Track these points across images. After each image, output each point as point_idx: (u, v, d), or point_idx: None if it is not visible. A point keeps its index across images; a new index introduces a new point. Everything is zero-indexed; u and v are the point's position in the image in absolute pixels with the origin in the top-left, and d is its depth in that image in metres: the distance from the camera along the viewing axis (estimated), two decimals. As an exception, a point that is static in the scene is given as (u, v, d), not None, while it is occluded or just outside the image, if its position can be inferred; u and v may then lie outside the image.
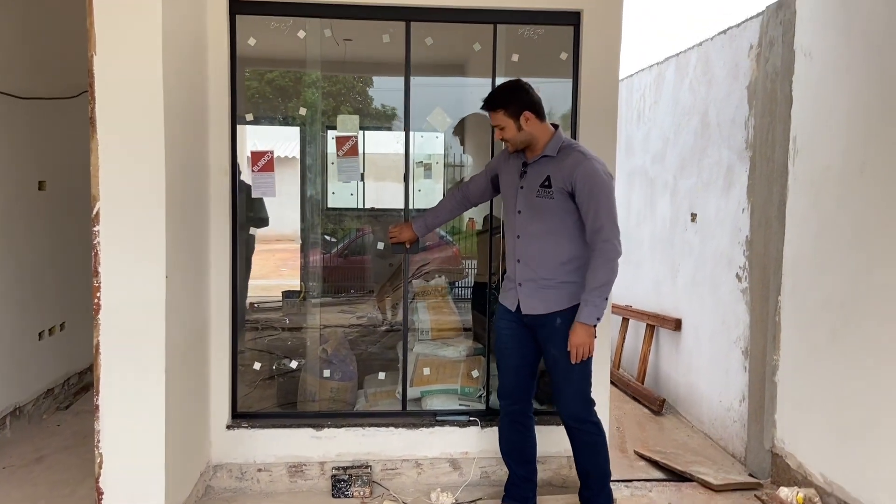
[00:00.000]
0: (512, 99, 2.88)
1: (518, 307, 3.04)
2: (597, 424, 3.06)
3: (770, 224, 3.76)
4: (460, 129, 4.99)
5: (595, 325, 2.86)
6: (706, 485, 3.63)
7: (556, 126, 3.00)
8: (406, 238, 3.48)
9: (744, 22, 4.07)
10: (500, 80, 3.79)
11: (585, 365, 2.95)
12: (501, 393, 3.22)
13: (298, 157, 7.17)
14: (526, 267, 2.99)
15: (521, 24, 3.79)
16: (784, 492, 3.39)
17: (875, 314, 2.99)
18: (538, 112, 2.90)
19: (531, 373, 3.17)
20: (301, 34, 3.70)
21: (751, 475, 3.80)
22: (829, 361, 3.29)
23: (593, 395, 3.10)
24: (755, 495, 3.50)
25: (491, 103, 2.92)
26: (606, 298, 2.85)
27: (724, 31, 4.31)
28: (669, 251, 5.07)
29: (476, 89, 4.45)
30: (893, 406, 2.88)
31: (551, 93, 3.98)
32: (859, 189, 3.11)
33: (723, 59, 4.31)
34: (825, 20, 3.37)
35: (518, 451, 3.23)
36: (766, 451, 3.80)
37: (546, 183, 2.86)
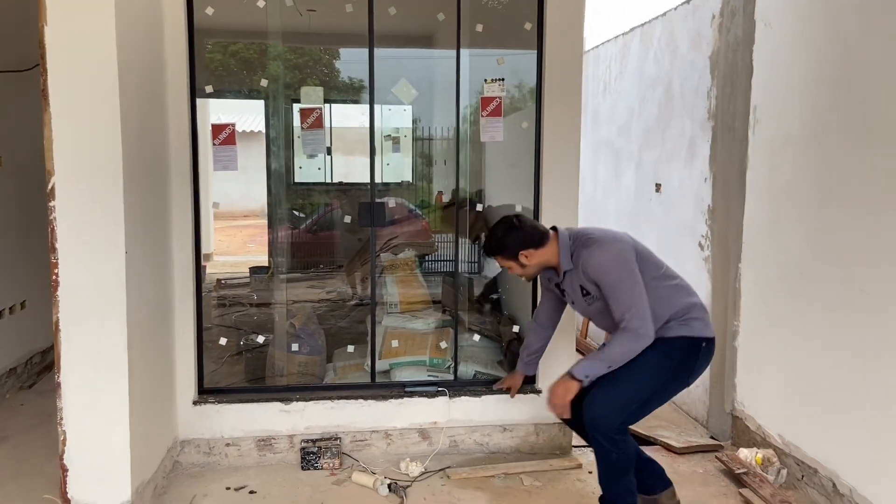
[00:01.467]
0: (505, 244, 2.88)
1: None
2: (612, 442, 2.76)
3: (731, 193, 3.82)
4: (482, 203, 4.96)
5: (580, 381, 2.78)
6: (668, 448, 3.72)
7: (555, 231, 2.92)
8: (519, 383, 3.48)
9: (706, -8, 4.08)
10: (465, 52, 3.77)
11: (641, 378, 2.78)
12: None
13: (263, 131, 7.06)
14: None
15: (485, -8, 3.76)
16: (744, 453, 3.49)
17: (831, 279, 3.07)
18: (535, 243, 2.87)
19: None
20: (260, 3, 3.62)
21: (712, 438, 3.90)
22: (787, 326, 3.38)
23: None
24: (716, 457, 3.60)
25: (489, 251, 2.96)
26: (609, 367, 2.76)
27: (688, 1, 4.32)
28: (634, 222, 5.13)
29: (442, 61, 4.42)
30: (849, 368, 2.97)
31: (517, 64, 3.98)
32: (816, 157, 3.17)
33: (686, 29, 4.33)
34: (785, -11, 3.40)
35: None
36: (727, 415, 3.90)
37: (584, 292, 2.87)
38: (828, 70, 3.10)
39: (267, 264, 6.83)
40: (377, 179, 3.84)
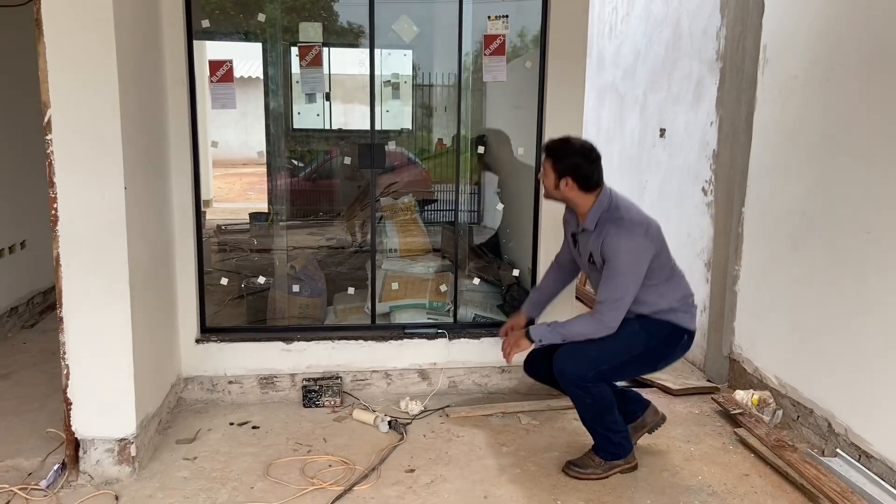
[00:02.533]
0: (565, 159, 2.80)
1: None
2: (584, 389, 2.83)
3: (737, 136, 3.77)
4: (485, 146, 4.87)
5: (533, 342, 2.93)
6: (665, 390, 3.76)
7: (599, 188, 2.83)
8: (523, 324, 3.25)
9: (718, -73, 3.96)
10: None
11: (621, 347, 2.84)
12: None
13: (262, 77, 6.94)
14: None
15: (490, -73, 3.64)
16: (740, 394, 3.53)
17: (834, 222, 3.05)
18: (585, 185, 2.80)
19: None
20: (258, -65, 3.51)
21: (709, 381, 3.94)
22: (788, 270, 3.38)
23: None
24: (712, 398, 3.64)
25: (547, 148, 2.87)
26: (564, 340, 2.86)
27: (699, -62, 4.19)
28: (637, 167, 5.08)
29: (443, 5, 4.30)
30: (847, 311, 2.98)
31: (522, 8, 3.88)
32: (824, 98, 3.11)
33: (696, -33, 4.21)
34: (800, -77, 3.29)
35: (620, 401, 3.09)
36: (724, 358, 3.93)
37: (591, 259, 2.87)
38: (840, 7, 3.02)
39: (266, 211, 6.80)
40: (377, 127, 3.78)
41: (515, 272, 4.10)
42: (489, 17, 3.74)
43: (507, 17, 3.74)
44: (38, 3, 2.57)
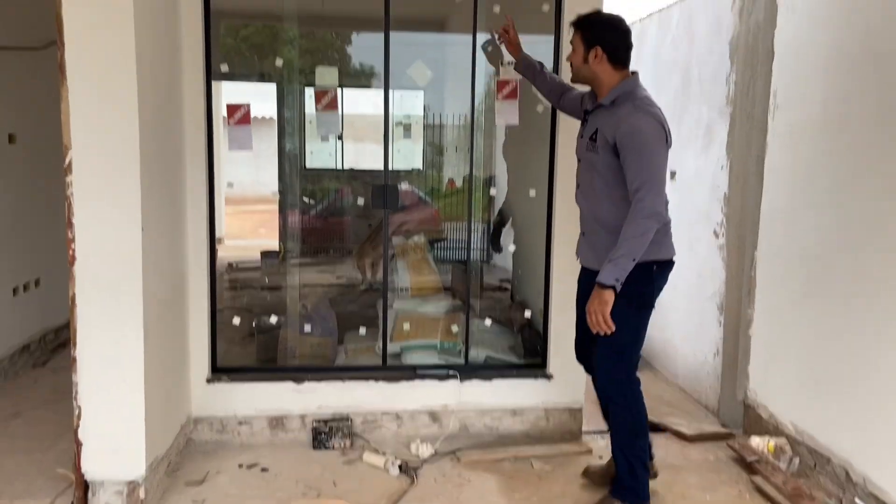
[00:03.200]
0: (595, 27, 2.71)
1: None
2: (621, 395, 2.84)
3: (748, 180, 3.78)
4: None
5: (612, 287, 2.58)
6: (680, 435, 3.71)
7: (627, 69, 2.76)
8: (513, 39, 3.19)
9: (727, -24, 4.03)
10: (481, 36, 3.75)
11: (637, 322, 2.78)
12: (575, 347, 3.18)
13: (276, 118, 7.06)
14: (582, 219, 2.94)
15: (503, -26, 3.73)
16: (755, 441, 3.48)
17: (848, 268, 3.04)
18: (613, 56, 2.70)
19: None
20: (277, -17, 3.61)
21: (723, 426, 3.89)
22: (802, 315, 3.35)
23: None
24: (727, 444, 3.58)
25: (576, 21, 2.76)
26: (634, 259, 2.57)
27: (707, -14, 4.27)
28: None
29: (455, 46, 4.39)
30: (863, 357, 2.94)
31: (533, 49, 3.94)
32: (837, 144, 3.13)
33: (705, 14, 4.28)
34: (808, -27, 3.35)
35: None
36: (739, 403, 3.88)
37: (594, 136, 2.72)
38: (851, 55, 3.06)
39: (278, 249, 6.84)
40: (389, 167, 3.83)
41: (527, 313, 4.09)
42: (501, 63, 3.81)
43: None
44: (63, 48, 2.63)
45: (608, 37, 2.71)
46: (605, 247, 2.72)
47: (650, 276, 2.75)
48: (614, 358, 2.82)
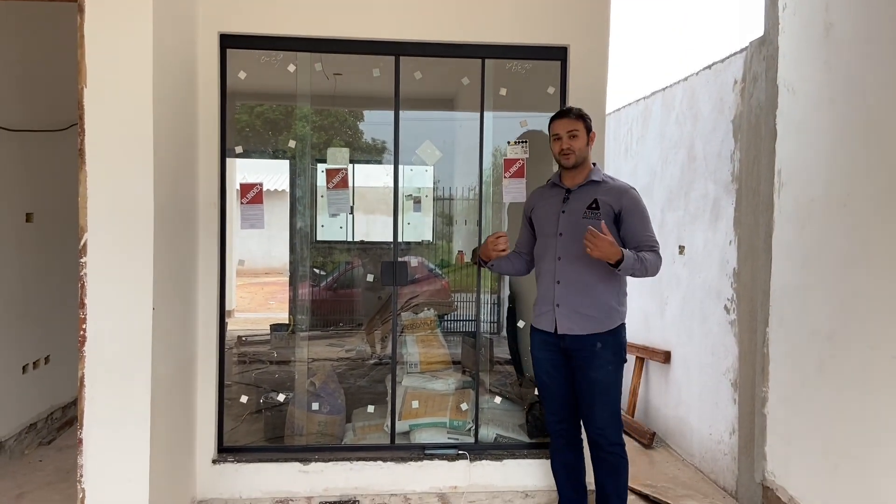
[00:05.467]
0: (589, 119, 3.19)
1: (556, 329, 3.11)
2: (623, 447, 3.14)
3: (757, 256, 3.79)
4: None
5: (618, 261, 2.86)
6: (698, 519, 3.59)
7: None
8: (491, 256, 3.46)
9: (728, 57, 4.15)
10: (488, 115, 3.85)
11: (618, 389, 3.10)
12: (550, 418, 3.27)
13: (288, 190, 7.20)
14: (566, 288, 3.08)
15: (509, 58, 3.86)
16: (776, 526, 3.36)
17: (861, 346, 3.00)
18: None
19: (574, 398, 3.22)
20: (291, 68, 3.74)
21: (743, 509, 3.76)
22: (818, 393, 3.29)
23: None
24: (747, 529, 3.46)
25: (576, 113, 3.17)
26: (637, 271, 2.95)
27: (709, 67, 4.39)
28: (658, 284, 5.09)
29: (464, 122, 4.50)
30: (884, 436, 2.87)
31: (541, 124, 4.04)
32: (843, 221, 3.14)
33: (708, 93, 4.38)
34: (807, 55, 3.44)
35: (571, 470, 3.28)
36: (757, 485, 3.77)
37: (594, 205, 3.05)
38: (852, 135, 3.11)
39: (287, 321, 6.84)
40: (398, 239, 3.88)
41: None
42: (508, 143, 3.90)
43: (526, 142, 3.89)
44: (83, 134, 2.72)
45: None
46: (605, 307, 3.04)
47: (624, 334, 3.13)
48: (614, 412, 3.10)
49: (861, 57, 3.06)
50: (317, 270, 7.88)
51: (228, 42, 3.53)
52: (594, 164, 3.22)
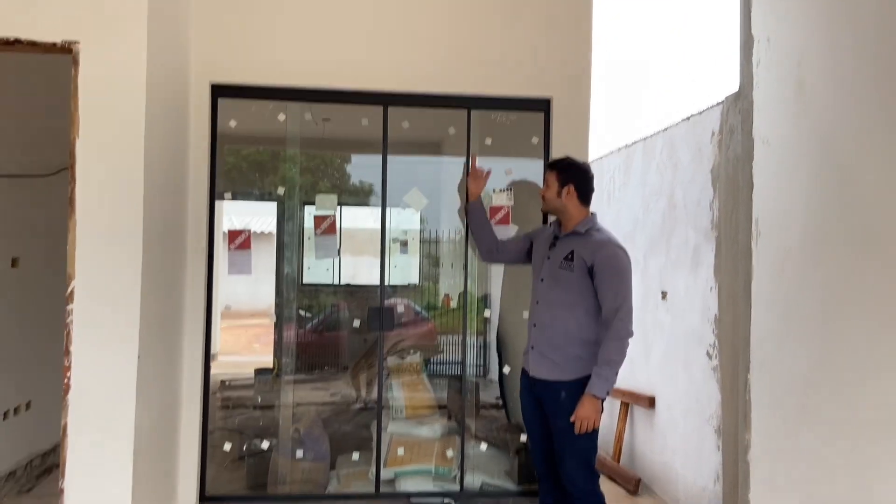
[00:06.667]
0: (568, 169, 3.18)
1: (530, 371, 3.16)
2: (596, 495, 3.10)
3: (737, 303, 3.85)
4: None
5: (602, 399, 2.95)
6: (684, 568, 3.57)
7: (593, 213, 3.25)
8: (477, 188, 3.57)
9: (705, 110, 4.28)
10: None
11: (590, 436, 3.03)
12: (535, 459, 3.26)
13: (274, 232, 7.23)
14: (540, 332, 3.13)
15: (494, 109, 3.96)
16: (762, 575, 3.35)
17: (843, 393, 3.05)
18: (581, 195, 3.17)
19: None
20: (281, 117, 3.82)
21: (728, 557, 3.75)
22: (800, 441, 3.32)
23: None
24: (733, 579, 3.45)
25: (553, 163, 3.25)
26: (616, 374, 2.96)
27: (688, 118, 4.52)
28: (642, 328, 5.13)
29: (450, 165, 4.59)
30: (866, 484, 2.90)
31: (525, 171, 4.13)
32: (819, 272, 3.22)
33: (687, 144, 4.51)
34: (780, 109, 3.56)
35: None
36: (743, 533, 3.76)
37: (569, 256, 3.06)
38: (825, 187, 3.21)
39: (272, 365, 6.79)
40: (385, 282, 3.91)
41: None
42: (494, 190, 3.97)
43: (511, 189, 3.97)
44: (74, 182, 2.76)
45: (580, 179, 3.19)
46: (571, 356, 3.03)
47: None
48: (584, 461, 3.06)
49: (832, 112, 3.18)
50: (302, 313, 7.85)
51: (220, 92, 3.61)
52: (592, 214, 3.22)
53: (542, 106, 3.84)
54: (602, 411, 2.99)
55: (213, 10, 3.55)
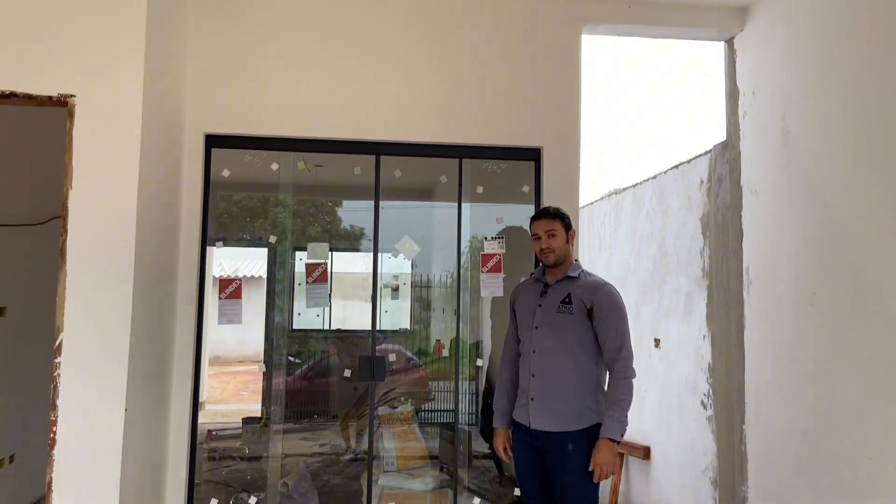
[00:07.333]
0: (566, 217, 3.21)
1: (530, 424, 3.03)
2: None
3: (730, 352, 3.84)
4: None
5: (618, 442, 2.87)
6: None
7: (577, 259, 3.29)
8: (505, 442, 3.23)
9: (694, 159, 4.34)
10: (465, 209, 3.95)
11: (595, 489, 2.95)
12: None
13: (265, 276, 7.18)
14: (541, 381, 3.03)
15: (486, 158, 4.00)
16: None
17: (836, 446, 3.02)
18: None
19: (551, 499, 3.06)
20: (274, 166, 3.84)
21: None
22: (797, 492, 3.28)
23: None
24: None
25: (553, 213, 3.21)
26: (627, 414, 2.89)
27: (677, 167, 4.58)
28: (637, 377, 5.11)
29: (442, 210, 4.60)
30: (864, 540, 2.85)
31: (516, 217, 4.15)
32: (811, 320, 3.23)
33: (676, 191, 4.55)
34: (767, 159, 3.62)
35: None
36: (743, 588, 3.68)
37: (567, 300, 3.03)
38: (814, 235, 3.24)
39: (260, 414, 6.68)
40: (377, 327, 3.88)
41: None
42: (485, 238, 3.98)
43: (503, 238, 3.98)
44: (65, 234, 2.74)
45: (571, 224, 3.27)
46: (578, 405, 2.95)
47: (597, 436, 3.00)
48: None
49: (817, 160, 3.23)
50: (292, 359, 7.76)
51: (213, 142, 3.62)
52: (576, 260, 3.25)
53: (534, 155, 3.88)
54: (617, 454, 2.90)
55: (207, 63, 3.59)
